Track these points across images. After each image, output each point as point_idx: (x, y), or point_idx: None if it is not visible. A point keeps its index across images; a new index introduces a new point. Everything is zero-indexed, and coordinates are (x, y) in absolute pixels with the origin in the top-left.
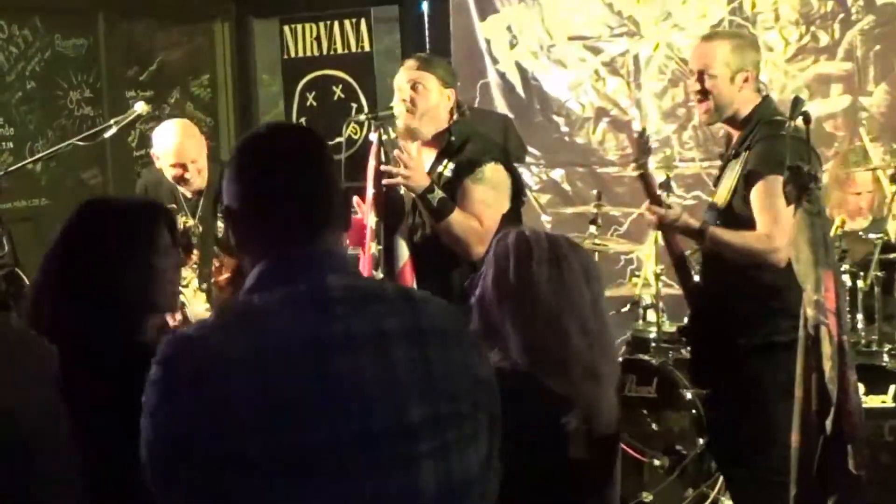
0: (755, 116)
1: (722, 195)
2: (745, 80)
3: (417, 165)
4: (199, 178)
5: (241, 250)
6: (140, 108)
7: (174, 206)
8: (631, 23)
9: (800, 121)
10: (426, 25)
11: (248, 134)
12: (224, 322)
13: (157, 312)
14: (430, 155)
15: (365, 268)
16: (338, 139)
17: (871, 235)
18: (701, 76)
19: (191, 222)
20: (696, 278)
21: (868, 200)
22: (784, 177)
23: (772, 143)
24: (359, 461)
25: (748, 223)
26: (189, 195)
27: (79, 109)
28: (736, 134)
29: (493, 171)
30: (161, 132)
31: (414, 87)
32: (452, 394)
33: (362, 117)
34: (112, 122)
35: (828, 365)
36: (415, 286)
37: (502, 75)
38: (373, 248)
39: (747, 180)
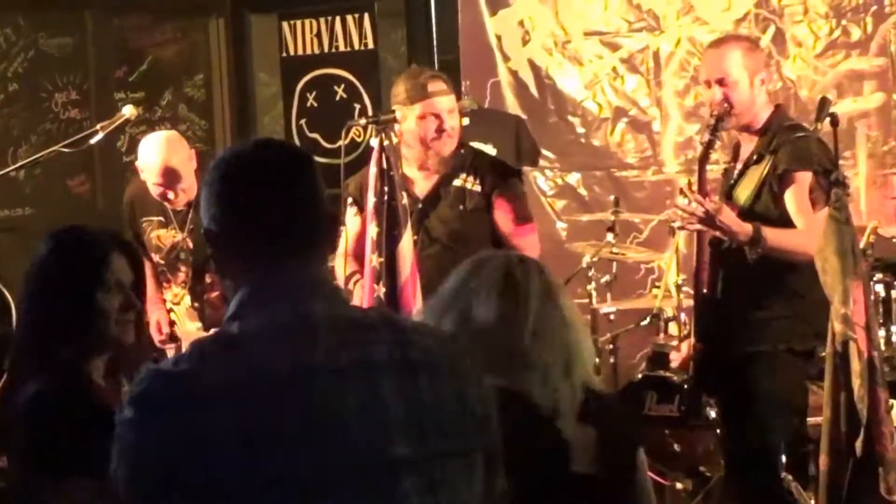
0: (773, 123)
1: (741, 199)
2: (763, 83)
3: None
4: (183, 195)
5: (221, 275)
6: (128, 111)
7: (162, 218)
8: (651, 17)
9: (827, 123)
10: (433, 20)
11: (227, 152)
12: (202, 352)
13: (102, 354)
14: (428, 169)
15: (366, 281)
16: (339, 143)
17: None
18: (722, 84)
19: (179, 237)
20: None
21: None
22: (810, 181)
23: (802, 142)
24: (342, 496)
25: (774, 224)
26: (179, 207)
27: (64, 112)
28: (750, 140)
29: (522, 189)
30: (146, 146)
31: (451, 112)
32: (442, 429)
33: (363, 121)
34: (98, 126)
35: (857, 383)
36: (419, 300)
37: (514, 73)
38: (374, 260)
39: (782, 180)
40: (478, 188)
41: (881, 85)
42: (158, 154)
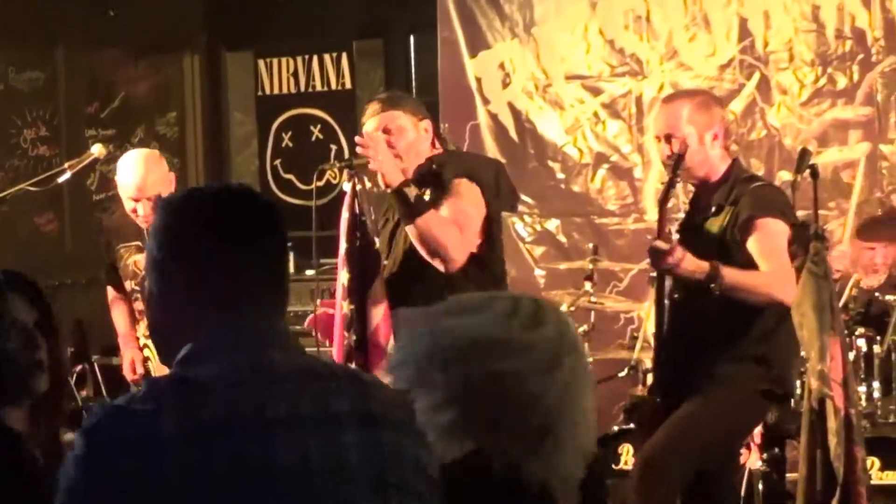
0: (731, 176)
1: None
2: (715, 138)
3: (382, 150)
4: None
5: (167, 318)
6: (97, 150)
7: (140, 243)
8: (634, 61)
9: (807, 174)
10: (412, 61)
11: (185, 193)
12: (157, 394)
13: (16, 400)
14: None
15: (337, 329)
16: (313, 185)
17: (889, 297)
18: (669, 140)
19: None
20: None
21: (884, 256)
22: (790, 234)
23: (761, 190)
24: None
25: None
26: None
27: (33, 149)
28: (708, 193)
29: (467, 187)
30: (124, 162)
31: (386, 131)
32: (403, 486)
33: (336, 164)
34: (66, 165)
35: (833, 441)
36: (390, 344)
37: (494, 116)
38: (345, 307)
39: (744, 228)
40: (429, 195)
41: (867, 135)
42: (135, 169)
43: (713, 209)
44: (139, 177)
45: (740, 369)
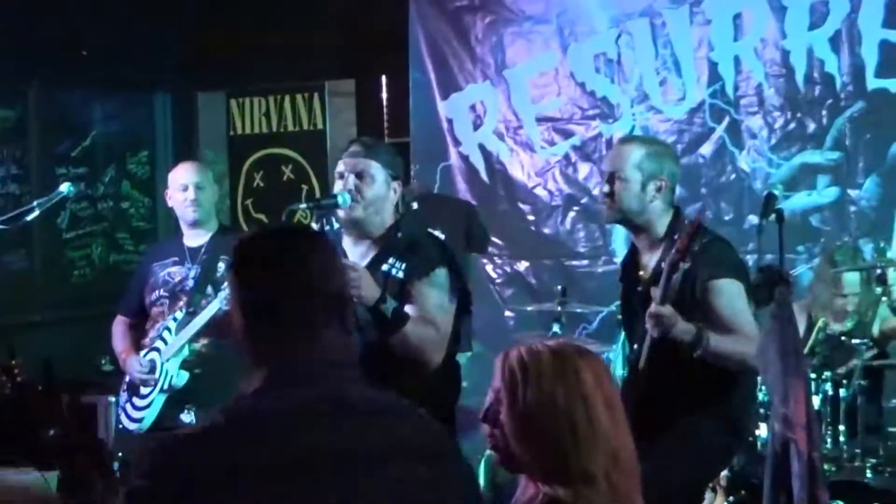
0: (677, 231)
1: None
2: (658, 190)
3: (364, 276)
4: (202, 206)
5: (247, 350)
6: (66, 189)
7: (177, 258)
8: (604, 104)
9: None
10: (384, 102)
11: (255, 233)
12: (227, 426)
13: None
14: (364, 248)
15: None
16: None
17: (855, 341)
18: (611, 178)
19: (192, 272)
20: None
21: (854, 303)
22: (755, 279)
23: (714, 249)
24: None
25: None
26: (194, 245)
27: (4, 187)
28: (652, 248)
29: (446, 277)
30: (174, 169)
31: (360, 176)
32: None
33: (303, 205)
34: (35, 203)
35: (797, 484)
36: None
37: (465, 158)
38: None
39: (706, 290)
40: (400, 275)
41: (835, 179)
42: (189, 166)
43: (668, 268)
44: (187, 167)
45: (704, 423)
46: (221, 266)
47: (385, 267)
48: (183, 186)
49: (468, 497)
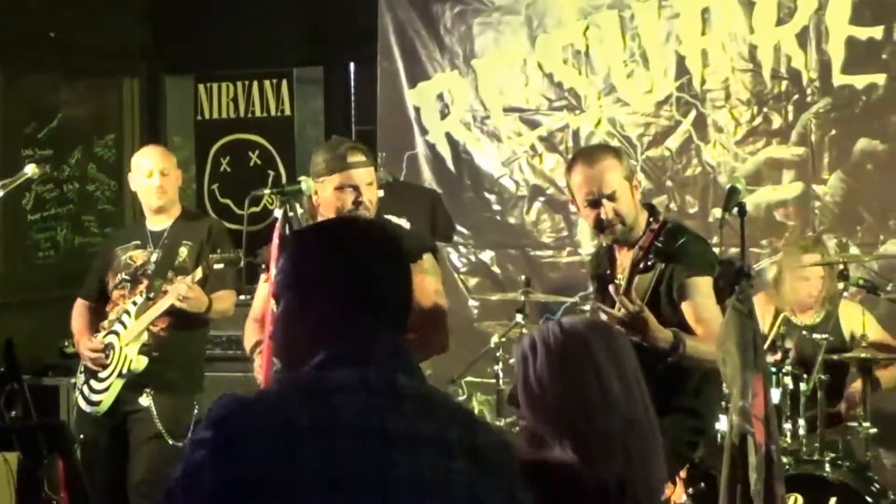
0: (651, 228)
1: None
2: (636, 188)
3: None
4: (168, 192)
5: (303, 330)
6: (30, 170)
7: (139, 241)
8: (572, 96)
9: (735, 212)
10: (352, 90)
11: (319, 225)
12: (290, 391)
13: None
14: None
15: (265, 353)
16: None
17: (816, 336)
18: (612, 199)
19: (153, 255)
20: None
21: (817, 289)
22: (716, 272)
23: (689, 247)
24: None
25: None
26: (156, 229)
27: None
28: (626, 247)
29: (432, 262)
30: (140, 151)
31: (369, 184)
32: None
33: (267, 191)
34: None
35: (753, 476)
36: None
37: (432, 147)
38: None
39: (682, 289)
40: None
41: (800, 174)
42: (150, 149)
43: (642, 266)
44: (151, 151)
45: (672, 420)
46: (183, 251)
47: None
48: (147, 172)
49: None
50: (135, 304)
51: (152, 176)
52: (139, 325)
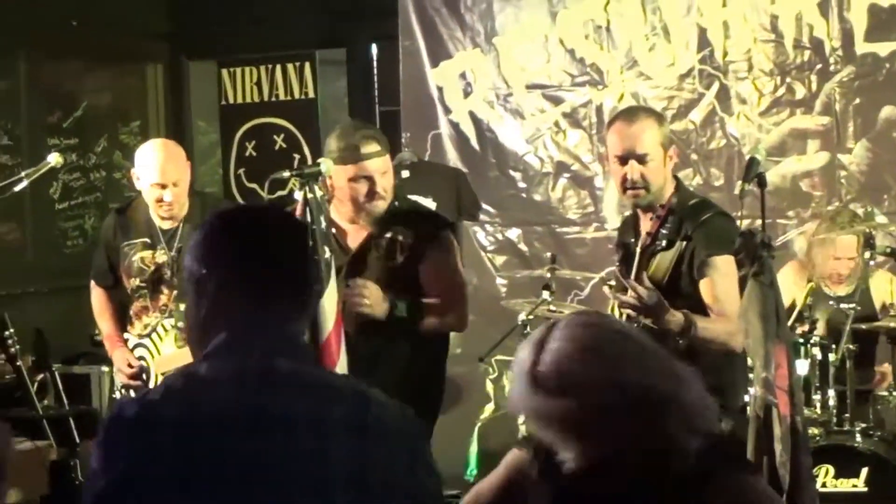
0: (676, 204)
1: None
2: (671, 159)
3: (372, 292)
4: (177, 205)
5: (199, 321)
6: (53, 159)
7: (148, 239)
8: (594, 71)
9: (755, 183)
10: (375, 71)
11: (226, 207)
12: (167, 387)
13: None
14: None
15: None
16: (277, 193)
17: (843, 305)
18: (642, 161)
19: (165, 257)
20: None
21: (849, 267)
22: (736, 244)
23: (714, 224)
24: None
25: (691, 310)
26: (166, 227)
27: None
28: (650, 219)
29: (452, 241)
30: (143, 151)
31: (384, 173)
32: (385, 500)
33: (286, 174)
34: (23, 174)
35: (778, 448)
36: (343, 358)
37: (455, 126)
38: None
39: (702, 267)
40: (409, 241)
41: (825, 144)
42: (157, 154)
43: (663, 243)
44: (161, 160)
45: None
46: None
47: (389, 234)
48: (160, 185)
49: (398, 478)
50: (168, 326)
51: (164, 189)
52: (180, 358)
